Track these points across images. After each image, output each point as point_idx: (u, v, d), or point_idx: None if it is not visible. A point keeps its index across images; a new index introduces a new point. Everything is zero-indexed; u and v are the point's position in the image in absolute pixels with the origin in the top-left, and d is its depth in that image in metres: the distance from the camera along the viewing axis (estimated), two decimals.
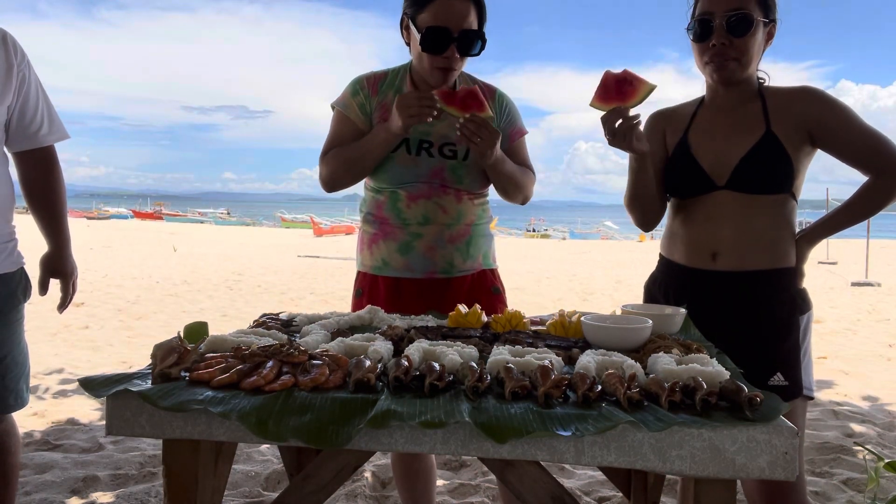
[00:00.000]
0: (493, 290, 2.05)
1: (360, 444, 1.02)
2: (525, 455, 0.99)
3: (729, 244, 1.72)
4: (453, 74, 1.89)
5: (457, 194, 1.96)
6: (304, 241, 24.61)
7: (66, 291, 2.03)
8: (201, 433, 1.04)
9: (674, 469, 0.98)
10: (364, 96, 1.95)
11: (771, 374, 1.67)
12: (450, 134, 1.92)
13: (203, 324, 1.43)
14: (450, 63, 1.85)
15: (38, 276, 1.98)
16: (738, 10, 1.65)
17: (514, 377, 1.07)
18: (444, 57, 1.83)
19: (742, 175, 1.69)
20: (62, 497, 2.62)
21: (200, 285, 9.97)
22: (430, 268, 1.95)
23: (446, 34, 1.80)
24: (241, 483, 2.81)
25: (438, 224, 1.94)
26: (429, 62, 1.85)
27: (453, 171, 1.94)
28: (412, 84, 1.97)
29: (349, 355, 1.23)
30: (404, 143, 1.93)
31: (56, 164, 1.96)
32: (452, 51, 1.82)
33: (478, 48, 1.86)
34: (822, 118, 1.68)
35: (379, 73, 2.00)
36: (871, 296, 10.11)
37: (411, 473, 2.14)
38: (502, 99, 2.05)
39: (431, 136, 1.94)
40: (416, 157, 1.93)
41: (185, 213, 57.16)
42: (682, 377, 1.10)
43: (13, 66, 1.78)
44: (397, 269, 1.96)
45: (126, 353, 5.37)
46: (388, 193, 1.96)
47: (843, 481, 2.88)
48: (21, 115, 1.83)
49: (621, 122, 1.61)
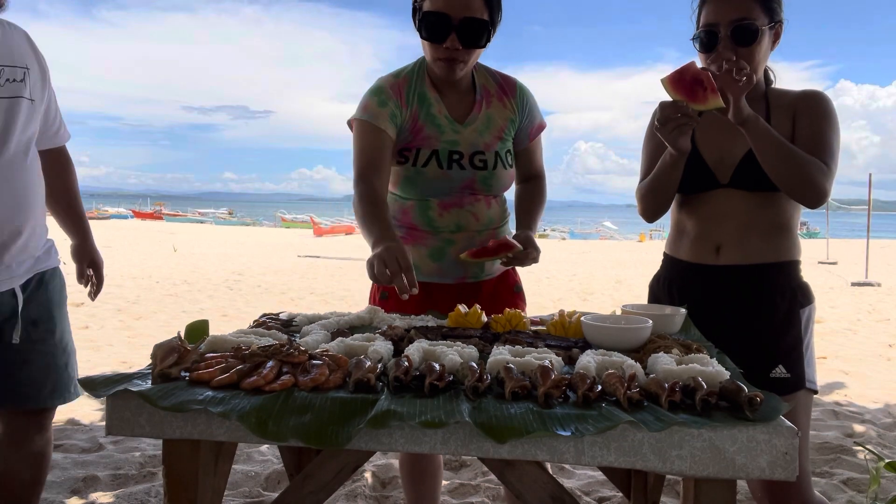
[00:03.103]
0: (515, 288, 2.04)
1: (360, 444, 1.02)
2: (525, 455, 0.99)
3: (732, 239, 1.74)
4: (460, 67, 1.80)
5: (486, 200, 1.94)
6: (304, 241, 24.60)
7: (101, 278, 2.14)
8: (201, 433, 1.04)
9: (674, 469, 0.98)
10: (395, 105, 1.84)
11: (773, 366, 1.69)
12: (478, 142, 1.88)
13: (204, 322, 1.43)
14: (452, 53, 1.76)
15: (76, 268, 2.09)
16: (744, 19, 1.65)
17: (514, 377, 1.07)
18: (445, 47, 1.75)
19: (744, 174, 1.72)
20: (62, 497, 2.62)
21: (200, 285, 9.97)
22: (462, 273, 1.93)
23: (446, 21, 1.72)
24: (241, 483, 2.81)
25: (470, 231, 1.90)
26: (431, 52, 1.79)
27: (484, 182, 1.90)
28: (430, 83, 1.89)
29: (349, 355, 1.23)
30: (434, 157, 1.86)
31: (71, 161, 2.06)
32: (453, 40, 1.74)
33: (483, 39, 1.77)
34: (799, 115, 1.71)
35: (400, 80, 1.89)
36: (871, 296, 10.11)
37: (418, 473, 2.12)
38: (523, 94, 1.99)
39: (461, 146, 1.87)
40: (447, 170, 1.87)
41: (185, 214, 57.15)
42: (682, 377, 1.10)
43: (45, 66, 1.82)
44: (428, 274, 1.91)
45: (126, 353, 5.37)
46: (417, 201, 1.91)
47: (844, 481, 2.88)
48: (46, 114, 1.86)
49: (680, 116, 1.59)
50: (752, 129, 1.59)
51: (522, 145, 2.02)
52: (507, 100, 1.96)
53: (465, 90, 1.93)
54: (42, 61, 1.82)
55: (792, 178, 1.62)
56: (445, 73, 1.81)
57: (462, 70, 1.82)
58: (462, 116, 1.90)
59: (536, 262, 1.82)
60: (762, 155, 1.62)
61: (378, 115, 1.82)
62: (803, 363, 1.71)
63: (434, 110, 1.87)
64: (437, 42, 1.76)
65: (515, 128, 1.98)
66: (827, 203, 2.01)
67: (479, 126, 1.90)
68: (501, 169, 1.92)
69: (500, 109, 1.94)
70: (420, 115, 1.86)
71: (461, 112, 1.90)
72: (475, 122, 1.90)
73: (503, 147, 1.93)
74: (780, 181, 1.65)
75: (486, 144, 1.90)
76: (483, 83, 1.95)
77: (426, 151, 1.86)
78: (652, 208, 1.85)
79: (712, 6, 1.69)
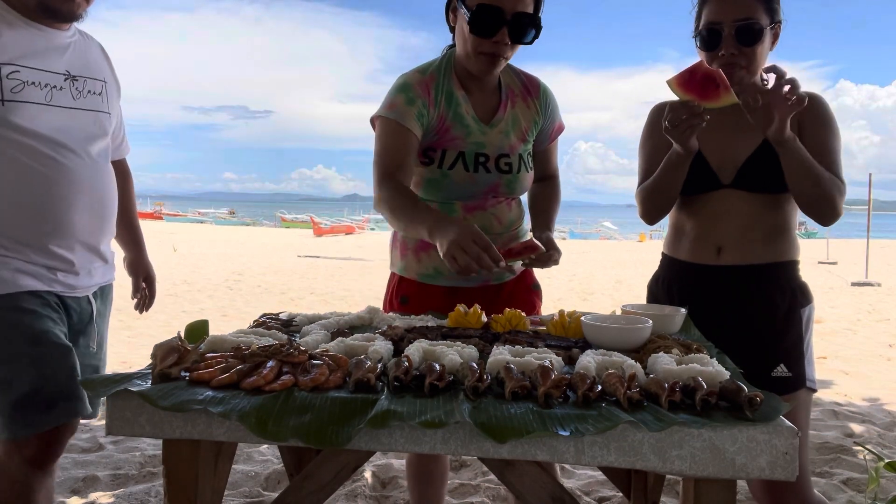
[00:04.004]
0: (532, 286, 2.02)
1: (360, 444, 1.02)
2: (525, 455, 0.99)
3: (733, 239, 1.75)
4: (500, 62, 1.75)
5: (507, 202, 1.92)
6: (304, 241, 24.59)
7: (153, 293, 2.21)
8: (201, 433, 1.04)
9: (674, 469, 0.98)
10: (422, 104, 1.76)
11: (774, 365, 1.70)
12: (503, 144, 1.85)
13: (204, 322, 1.43)
14: (498, 48, 1.70)
15: (131, 282, 2.16)
16: (747, 18, 1.65)
17: (514, 377, 1.07)
18: (493, 41, 1.69)
19: (747, 175, 1.72)
20: (62, 497, 2.62)
21: (200, 285, 9.97)
22: (485, 276, 1.88)
23: (499, 15, 1.65)
24: (241, 483, 2.81)
25: (493, 234, 1.84)
26: (474, 45, 1.70)
27: (508, 185, 1.88)
28: (458, 81, 1.82)
29: (349, 355, 1.23)
30: (461, 159, 1.81)
31: (130, 173, 2.09)
32: (503, 35, 1.67)
33: (531, 36, 1.71)
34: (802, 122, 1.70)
35: (427, 77, 1.80)
36: (871, 296, 10.11)
37: (425, 475, 2.10)
38: (546, 94, 1.94)
39: (487, 149, 1.83)
40: (473, 173, 1.82)
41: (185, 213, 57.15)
42: (682, 377, 1.10)
43: (117, 79, 1.87)
44: (450, 277, 1.86)
45: (126, 353, 5.36)
46: (440, 203, 1.86)
47: (844, 481, 2.88)
48: (116, 127, 1.89)
49: (688, 117, 1.58)
50: (789, 150, 1.60)
51: (542, 146, 1.99)
52: (531, 100, 1.92)
53: (491, 89, 1.88)
54: (115, 74, 1.86)
55: (816, 199, 1.65)
56: (485, 67, 1.75)
57: (501, 66, 1.77)
58: (488, 117, 1.85)
59: (557, 263, 1.78)
60: (792, 175, 1.63)
61: (405, 113, 1.74)
62: (804, 362, 1.72)
63: (462, 110, 1.81)
64: (486, 36, 1.69)
65: (538, 129, 1.95)
66: None
67: (505, 127, 1.86)
68: (524, 172, 1.89)
69: (524, 110, 1.90)
70: (448, 116, 1.80)
71: (487, 112, 1.86)
72: (500, 123, 1.85)
73: (525, 149, 1.91)
74: (803, 200, 1.67)
75: (510, 147, 1.86)
76: (508, 83, 1.90)
77: (452, 153, 1.81)
78: (654, 210, 1.84)
79: (715, 5, 1.69)
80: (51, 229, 1.63)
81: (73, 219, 1.66)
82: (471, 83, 1.83)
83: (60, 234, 1.65)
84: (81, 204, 1.67)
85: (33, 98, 1.58)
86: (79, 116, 1.68)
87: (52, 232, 1.63)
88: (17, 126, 1.55)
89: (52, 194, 1.62)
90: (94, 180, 1.70)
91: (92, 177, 1.70)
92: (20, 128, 1.56)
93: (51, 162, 1.61)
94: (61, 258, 1.66)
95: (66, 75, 1.67)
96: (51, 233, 1.63)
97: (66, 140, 1.63)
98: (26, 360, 1.56)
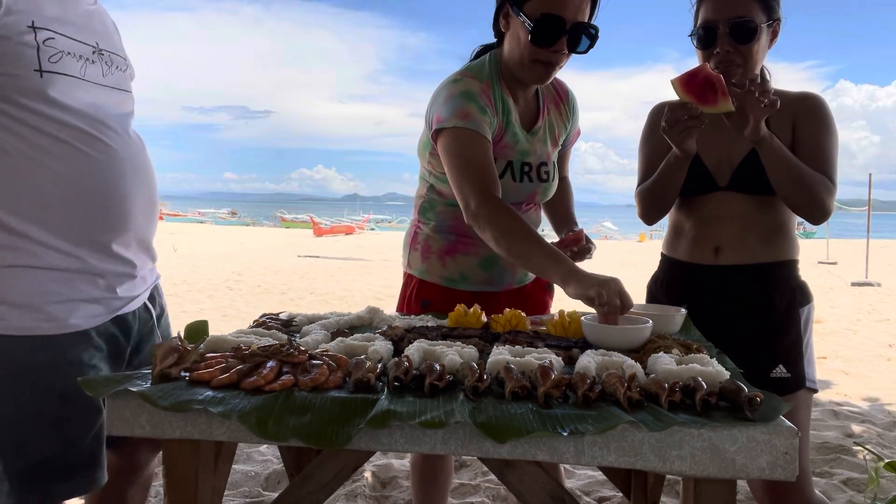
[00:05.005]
0: (548, 286, 2.03)
1: (360, 444, 1.02)
2: (525, 455, 0.99)
3: (731, 240, 1.75)
4: (554, 72, 1.71)
5: (536, 209, 1.93)
6: (304, 241, 24.58)
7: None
8: (201, 433, 1.04)
9: (674, 469, 0.98)
10: (490, 114, 1.71)
11: (773, 366, 1.70)
12: (542, 152, 1.84)
13: (204, 322, 1.43)
14: (556, 58, 1.67)
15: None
16: (742, 17, 1.65)
17: (514, 377, 1.07)
18: (552, 51, 1.65)
19: (743, 177, 1.73)
20: None
21: (200, 285, 9.97)
22: (510, 280, 1.91)
23: (560, 24, 1.61)
24: (241, 483, 2.81)
25: None
26: (530, 54, 1.66)
27: (544, 193, 1.88)
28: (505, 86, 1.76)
29: (349, 355, 1.23)
30: (509, 169, 1.78)
31: None
32: (562, 44, 1.64)
33: (586, 45, 1.67)
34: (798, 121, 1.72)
35: (484, 84, 1.73)
36: (871, 296, 10.11)
37: (430, 476, 2.09)
38: (572, 99, 1.93)
39: (531, 158, 1.81)
40: (519, 183, 1.80)
41: (185, 213, 57.19)
42: (682, 377, 1.10)
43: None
44: (476, 282, 1.86)
45: None
46: None
47: (843, 481, 2.88)
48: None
49: (687, 118, 1.59)
50: (767, 149, 1.61)
51: (563, 150, 1.98)
52: (562, 106, 1.92)
53: (531, 97, 1.85)
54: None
55: (801, 197, 1.66)
56: (539, 76, 1.71)
57: (554, 74, 1.73)
58: (529, 125, 1.84)
59: (591, 257, 1.79)
60: (773, 173, 1.64)
61: (482, 123, 1.67)
62: (803, 362, 1.72)
63: (512, 118, 1.79)
64: (546, 46, 1.64)
65: (566, 135, 1.94)
66: None
67: (543, 135, 1.85)
68: (555, 178, 1.89)
69: (556, 117, 1.90)
70: (504, 124, 1.77)
71: (529, 120, 1.84)
72: (540, 130, 1.84)
73: (556, 156, 1.91)
74: (788, 199, 1.68)
75: (547, 154, 1.86)
76: (543, 90, 1.87)
77: (502, 162, 1.78)
78: (654, 210, 1.84)
79: (711, 3, 1.69)
80: (111, 224, 1.38)
81: (129, 209, 1.41)
82: (517, 90, 1.80)
83: (121, 229, 1.40)
84: (135, 190, 1.42)
85: (70, 70, 1.33)
86: (110, 95, 1.44)
87: (113, 227, 1.38)
88: (55, 101, 1.30)
89: (105, 179, 1.36)
90: (139, 162, 1.46)
91: (136, 157, 1.45)
92: (59, 103, 1.30)
93: (99, 143, 1.36)
94: (123, 260, 1.42)
95: (95, 48, 1.43)
96: (111, 228, 1.38)
97: (104, 118, 1.38)
98: (48, 420, 1.30)
